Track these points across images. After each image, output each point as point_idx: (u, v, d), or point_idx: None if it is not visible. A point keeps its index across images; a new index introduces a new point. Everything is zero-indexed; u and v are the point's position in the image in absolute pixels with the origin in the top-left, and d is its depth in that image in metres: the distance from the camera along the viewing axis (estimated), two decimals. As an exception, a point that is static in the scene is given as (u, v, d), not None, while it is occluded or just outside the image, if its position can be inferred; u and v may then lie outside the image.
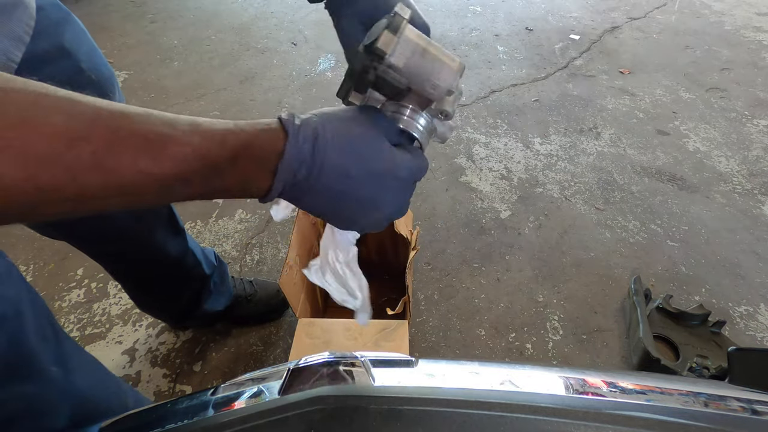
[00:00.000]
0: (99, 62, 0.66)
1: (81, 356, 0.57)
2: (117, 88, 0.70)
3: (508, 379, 0.33)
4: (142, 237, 0.84)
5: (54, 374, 0.49)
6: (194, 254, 0.97)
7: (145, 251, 0.87)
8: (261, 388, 0.34)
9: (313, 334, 0.88)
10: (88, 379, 0.56)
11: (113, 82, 0.69)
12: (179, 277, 0.97)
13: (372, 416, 0.28)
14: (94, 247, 0.84)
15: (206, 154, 0.28)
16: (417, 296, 1.24)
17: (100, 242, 0.82)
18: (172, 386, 1.09)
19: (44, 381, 0.48)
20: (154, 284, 0.97)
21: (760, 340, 1.12)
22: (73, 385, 0.52)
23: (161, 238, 0.87)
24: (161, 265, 0.91)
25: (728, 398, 0.34)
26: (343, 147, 0.32)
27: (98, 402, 0.56)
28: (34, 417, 0.47)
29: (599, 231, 1.39)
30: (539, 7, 2.60)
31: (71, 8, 0.64)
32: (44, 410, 0.48)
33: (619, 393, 0.34)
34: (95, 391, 0.56)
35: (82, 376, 0.54)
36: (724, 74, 2.02)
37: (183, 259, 0.94)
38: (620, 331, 1.15)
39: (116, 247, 0.84)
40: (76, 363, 0.54)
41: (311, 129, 0.31)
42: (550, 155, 1.66)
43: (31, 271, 1.32)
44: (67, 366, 0.52)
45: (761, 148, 1.65)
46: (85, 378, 0.55)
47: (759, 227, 1.38)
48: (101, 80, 0.65)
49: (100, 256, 0.87)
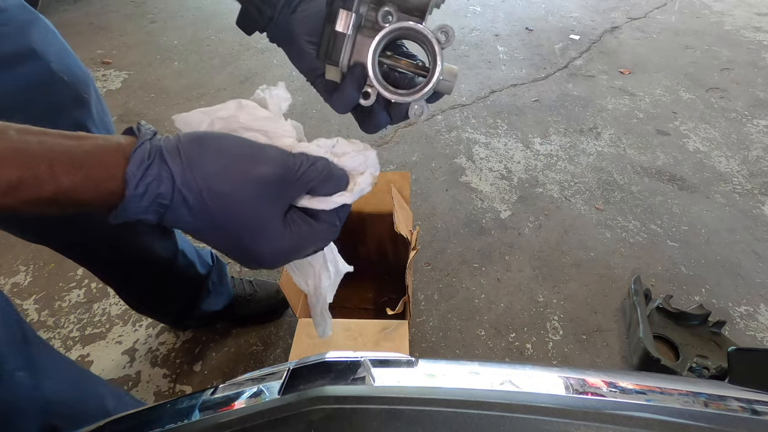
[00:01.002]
0: (71, 63, 0.65)
1: (54, 360, 0.57)
2: (93, 89, 0.68)
3: (508, 379, 0.33)
4: (126, 240, 0.82)
5: (20, 379, 0.49)
6: (186, 255, 0.96)
7: (131, 254, 0.85)
8: (261, 388, 0.34)
9: (313, 334, 0.88)
10: (61, 383, 0.55)
11: (88, 83, 0.67)
12: (171, 279, 0.96)
13: (372, 416, 0.28)
14: (76, 251, 0.83)
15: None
16: (417, 296, 1.24)
17: (83, 248, 0.81)
18: (172, 386, 1.09)
19: (9, 386, 0.48)
20: (144, 287, 0.95)
21: (760, 340, 1.12)
22: (43, 390, 0.52)
23: (148, 240, 0.86)
24: (150, 266, 0.90)
25: (728, 398, 0.34)
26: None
27: (73, 406, 0.56)
28: (0, 422, 0.47)
29: (599, 231, 1.39)
30: (539, 7, 2.60)
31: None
32: (11, 414, 0.48)
33: (619, 393, 0.34)
34: (69, 395, 0.56)
35: (53, 380, 0.54)
36: (724, 74, 2.02)
37: (174, 260, 0.93)
38: (620, 331, 1.15)
39: (100, 250, 0.82)
40: (48, 367, 0.54)
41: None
42: (550, 155, 1.66)
43: (31, 271, 1.32)
44: (37, 371, 0.51)
45: (761, 148, 1.65)
46: (58, 382, 0.55)
47: (759, 227, 1.38)
48: (74, 81, 0.64)
49: (85, 261, 0.86)
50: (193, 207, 0.30)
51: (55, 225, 0.72)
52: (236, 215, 0.31)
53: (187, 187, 0.30)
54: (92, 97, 0.67)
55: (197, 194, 0.30)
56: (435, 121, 1.83)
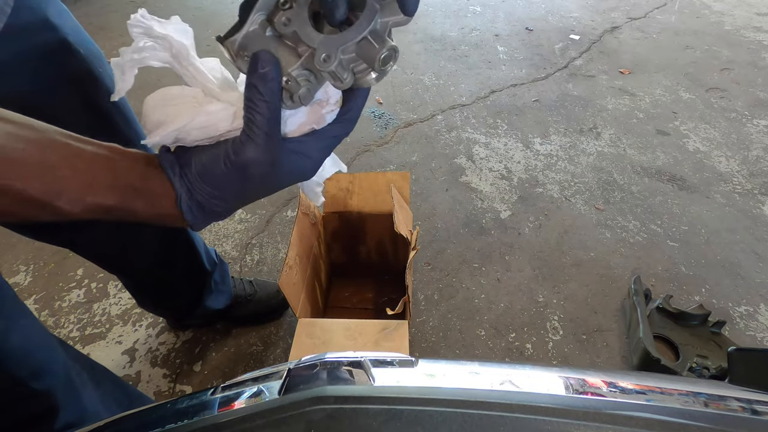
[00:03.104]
0: (86, 38, 0.66)
1: (25, 317, 0.58)
2: (106, 63, 0.68)
3: (508, 379, 0.33)
4: (138, 234, 0.83)
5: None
6: (196, 247, 0.96)
7: (142, 245, 0.86)
8: (261, 388, 0.34)
9: (313, 334, 0.88)
10: (28, 338, 0.57)
11: (102, 59, 0.68)
12: (180, 270, 0.97)
13: (372, 416, 0.28)
14: (93, 249, 0.83)
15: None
16: (417, 296, 1.24)
17: (95, 245, 0.82)
18: (172, 386, 1.09)
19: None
20: (154, 277, 0.95)
21: (760, 340, 1.12)
22: (10, 338, 0.54)
23: (159, 232, 0.86)
24: (162, 256, 0.91)
25: (728, 398, 0.34)
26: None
27: (36, 362, 0.58)
28: None
29: (599, 231, 1.39)
30: (539, 7, 2.60)
31: (70, 8, 0.64)
32: None
33: (619, 393, 0.34)
34: (34, 350, 0.58)
35: (20, 332, 0.56)
36: (724, 74, 2.02)
37: (184, 250, 0.94)
38: (620, 331, 1.15)
39: (109, 243, 0.83)
40: (19, 321, 0.56)
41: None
42: (550, 155, 1.66)
43: (31, 271, 1.32)
44: (6, 318, 0.53)
45: (761, 148, 1.65)
46: (24, 337, 0.57)
47: (759, 227, 1.38)
48: (89, 56, 0.64)
49: (95, 257, 0.86)
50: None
51: (72, 225, 0.73)
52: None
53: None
54: (106, 71, 0.68)
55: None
56: (435, 121, 1.83)
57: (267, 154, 0.31)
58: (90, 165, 0.31)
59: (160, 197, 0.33)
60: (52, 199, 0.29)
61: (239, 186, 0.33)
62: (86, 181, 0.30)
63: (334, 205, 1.08)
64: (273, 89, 0.30)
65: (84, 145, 0.31)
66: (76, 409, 0.64)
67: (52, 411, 0.60)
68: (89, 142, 0.32)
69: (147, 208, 0.33)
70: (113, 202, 0.31)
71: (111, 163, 0.32)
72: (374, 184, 1.07)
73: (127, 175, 0.32)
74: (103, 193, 0.31)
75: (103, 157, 0.32)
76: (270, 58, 0.30)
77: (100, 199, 0.31)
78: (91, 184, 0.30)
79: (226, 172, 0.32)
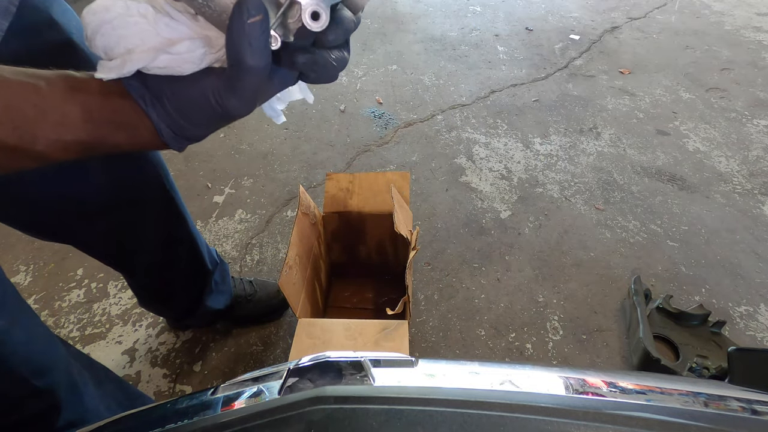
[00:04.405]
0: None
1: (27, 316, 0.58)
2: None
3: (508, 379, 0.33)
4: (143, 227, 0.83)
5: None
6: (198, 245, 0.96)
7: (147, 239, 0.86)
8: (261, 388, 0.34)
9: (313, 334, 0.88)
10: (31, 338, 0.58)
11: None
12: (182, 268, 0.96)
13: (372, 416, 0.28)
14: (96, 247, 0.84)
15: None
16: (417, 296, 1.24)
17: (100, 240, 0.82)
18: (172, 386, 1.09)
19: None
20: (157, 274, 0.95)
21: (760, 340, 1.12)
22: (12, 336, 0.54)
23: (163, 226, 0.87)
24: (165, 252, 0.91)
25: (728, 398, 0.34)
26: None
27: (38, 361, 0.58)
28: None
29: (599, 231, 1.39)
30: (539, 7, 2.60)
31: (73, 7, 0.64)
32: None
33: (619, 393, 0.34)
34: (37, 349, 0.58)
35: (23, 329, 0.56)
36: (724, 74, 2.02)
37: (187, 247, 0.94)
38: (620, 331, 1.15)
39: (116, 238, 0.83)
40: (21, 318, 0.56)
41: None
42: (550, 155, 1.66)
43: (31, 271, 1.32)
44: (9, 314, 0.53)
45: (761, 148, 1.65)
46: (28, 334, 0.57)
47: (759, 227, 1.38)
48: (94, 55, 0.65)
49: (99, 253, 0.87)
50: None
51: (80, 221, 0.74)
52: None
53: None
54: None
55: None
56: (435, 121, 1.83)
57: (252, 105, 0.32)
58: (53, 102, 0.30)
59: (138, 128, 0.32)
60: (30, 143, 0.29)
61: (218, 122, 0.34)
62: (56, 120, 0.30)
63: (334, 205, 1.08)
64: (265, 44, 0.28)
65: (36, 80, 0.30)
66: (77, 407, 0.64)
67: (54, 409, 0.60)
68: (39, 75, 0.30)
69: (128, 140, 0.33)
70: (91, 138, 0.31)
71: (75, 95, 0.31)
72: (374, 184, 1.07)
73: (100, 109, 0.31)
74: (79, 130, 0.30)
75: (62, 90, 0.30)
76: (258, 3, 0.27)
77: (78, 135, 0.31)
78: (62, 123, 0.30)
79: (207, 115, 0.32)
